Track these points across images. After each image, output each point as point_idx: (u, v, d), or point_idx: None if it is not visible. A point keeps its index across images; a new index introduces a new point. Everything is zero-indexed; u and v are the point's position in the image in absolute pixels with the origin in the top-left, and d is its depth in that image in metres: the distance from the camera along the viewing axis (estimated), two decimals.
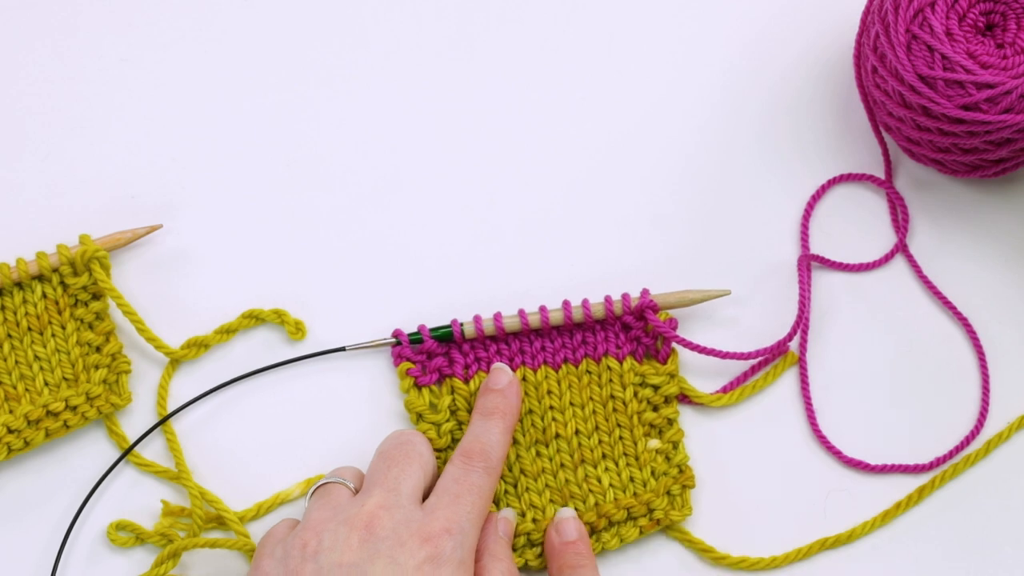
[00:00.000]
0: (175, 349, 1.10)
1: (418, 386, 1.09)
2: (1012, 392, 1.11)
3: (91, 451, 1.10)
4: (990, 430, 1.10)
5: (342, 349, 1.10)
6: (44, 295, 1.09)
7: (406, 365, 1.09)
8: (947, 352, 1.12)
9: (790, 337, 1.10)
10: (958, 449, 1.10)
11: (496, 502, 1.07)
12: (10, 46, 1.16)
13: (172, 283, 1.12)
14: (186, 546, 1.06)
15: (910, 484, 1.10)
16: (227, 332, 1.11)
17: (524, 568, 1.06)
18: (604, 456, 1.08)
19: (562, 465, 1.08)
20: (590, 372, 1.09)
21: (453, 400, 1.09)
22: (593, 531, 1.06)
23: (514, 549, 1.05)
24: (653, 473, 1.08)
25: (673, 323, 1.09)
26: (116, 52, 1.17)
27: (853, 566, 1.08)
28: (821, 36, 1.17)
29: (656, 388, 1.09)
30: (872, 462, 1.09)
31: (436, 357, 1.09)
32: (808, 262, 1.12)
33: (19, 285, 1.09)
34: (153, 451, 1.10)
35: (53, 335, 1.09)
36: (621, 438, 1.08)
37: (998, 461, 1.10)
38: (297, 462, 1.09)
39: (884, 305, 1.13)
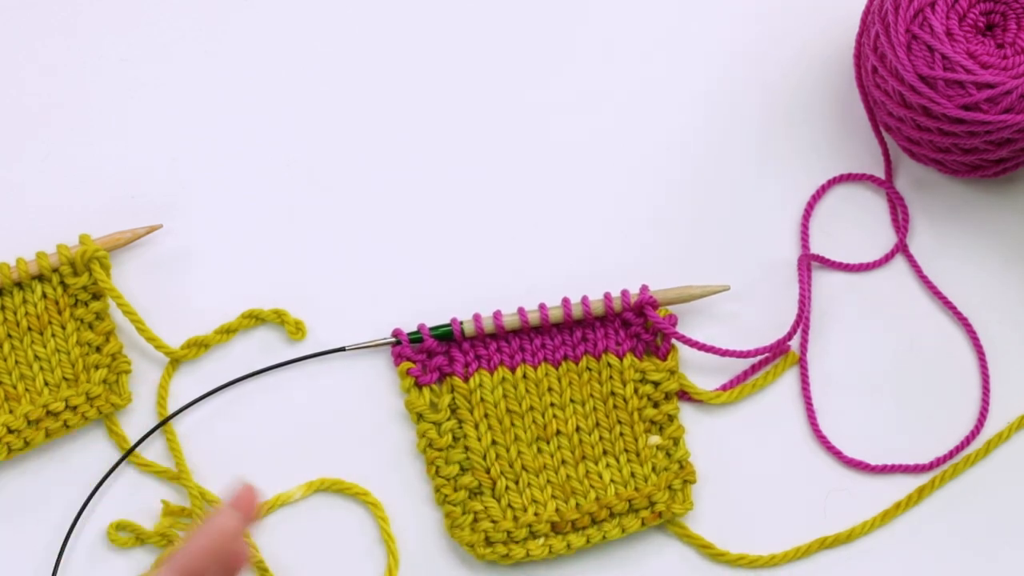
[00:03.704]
0: (175, 349, 1.10)
1: (418, 385, 1.09)
2: (1012, 392, 1.11)
3: (91, 451, 1.10)
4: (990, 430, 1.10)
5: (342, 349, 1.10)
6: (44, 295, 1.09)
7: (406, 365, 1.09)
8: (947, 352, 1.12)
9: (790, 336, 1.10)
10: (958, 449, 1.10)
11: (498, 499, 1.07)
12: (10, 46, 1.16)
13: (172, 283, 1.12)
14: None
15: (910, 484, 1.10)
16: (227, 332, 1.11)
17: (526, 558, 1.06)
18: (605, 452, 1.08)
19: (563, 461, 1.08)
20: (590, 369, 1.09)
21: (453, 399, 1.09)
22: (594, 521, 1.07)
23: (516, 541, 1.06)
24: (654, 469, 1.08)
25: (673, 319, 1.09)
26: (116, 52, 1.17)
27: (853, 565, 1.08)
28: (821, 36, 1.17)
29: (656, 384, 1.09)
30: (872, 462, 1.09)
31: (436, 356, 1.09)
32: (808, 262, 1.12)
33: (19, 285, 1.09)
34: (154, 451, 1.10)
35: (53, 335, 1.09)
36: (622, 434, 1.09)
37: (998, 461, 1.10)
38: (297, 462, 1.09)
39: (884, 305, 1.13)
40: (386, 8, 1.18)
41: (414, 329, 1.09)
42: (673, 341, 1.09)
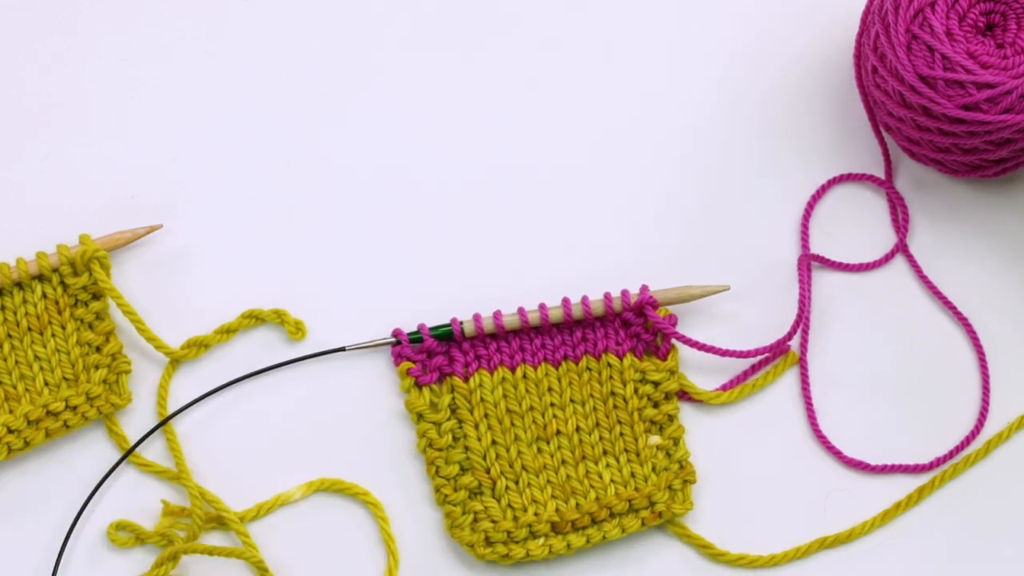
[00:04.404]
0: (175, 349, 1.10)
1: (418, 385, 1.09)
2: (1012, 392, 1.11)
3: (91, 451, 1.10)
4: (990, 430, 1.10)
5: (342, 349, 1.10)
6: (44, 295, 1.09)
7: (406, 365, 1.09)
8: (947, 352, 1.12)
9: (790, 336, 1.10)
10: (958, 449, 1.10)
11: (498, 499, 1.07)
12: (10, 46, 1.16)
13: (172, 283, 1.12)
14: (186, 550, 1.06)
15: (910, 484, 1.10)
16: (227, 332, 1.11)
17: (526, 558, 1.06)
18: (605, 452, 1.08)
19: (563, 461, 1.08)
20: (590, 369, 1.09)
21: (453, 399, 1.09)
22: (594, 521, 1.07)
23: (516, 541, 1.06)
24: (654, 469, 1.08)
25: (673, 319, 1.09)
26: (116, 52, 1.17)
27: (853, 565, 1.08)
28: (821, 36, 1.17)
29: (656, 384, 1.09)
30: (872, 462, 1.09)
31: (436, 356, 1.09)
32: (808, 262, 1.12)
33: (19, 285, 1.09)
34: (154, 451, 1.10)
35: (53, 335, 1.09)
36: (622, 434, 1.09)
37: (998, 461, 1.10)
38: (297, 462, 1.09)
39: (884, 305, 1.13)
40: (387, 10, 1.18)
41: (414, 329, 1.09)
42: (673, 341, 1.09)
